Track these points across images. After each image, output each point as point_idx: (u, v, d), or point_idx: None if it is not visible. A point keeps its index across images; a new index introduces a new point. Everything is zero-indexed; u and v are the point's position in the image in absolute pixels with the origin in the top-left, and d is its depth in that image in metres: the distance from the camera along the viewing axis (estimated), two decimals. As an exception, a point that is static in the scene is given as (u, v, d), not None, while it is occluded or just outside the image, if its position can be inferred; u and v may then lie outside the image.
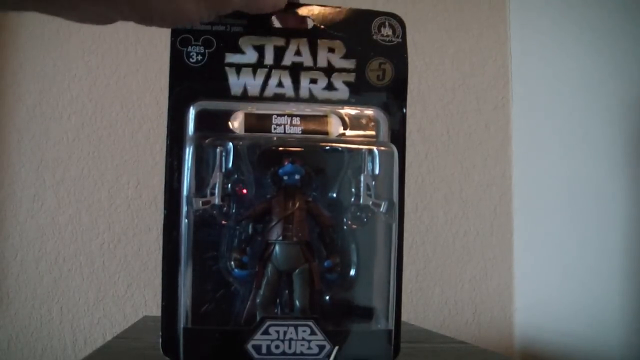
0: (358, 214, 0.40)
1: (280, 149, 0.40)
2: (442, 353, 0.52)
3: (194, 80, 0.39)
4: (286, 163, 0.39)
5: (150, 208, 0.85)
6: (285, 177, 0.39)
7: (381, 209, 0.40)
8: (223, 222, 0.39)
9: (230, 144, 0.39)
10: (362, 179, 0.40)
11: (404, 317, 0.41)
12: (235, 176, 0.40)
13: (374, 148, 0.40)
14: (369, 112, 0.41)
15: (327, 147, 0.40)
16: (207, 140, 0.39)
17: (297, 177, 0.39)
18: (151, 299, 0.84)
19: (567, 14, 0.81)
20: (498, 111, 0.94)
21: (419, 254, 0.90)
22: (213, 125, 0.39)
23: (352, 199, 0.40)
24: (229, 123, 0.40)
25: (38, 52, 0.86)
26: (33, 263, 0.84)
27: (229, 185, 0.39)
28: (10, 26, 0.86)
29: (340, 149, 0.40)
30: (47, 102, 0.86)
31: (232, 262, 0.39)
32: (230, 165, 0.39)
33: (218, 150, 0.39)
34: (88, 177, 0.85)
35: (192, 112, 0.39)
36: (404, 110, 0.42)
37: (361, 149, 0.40)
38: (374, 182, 0.40)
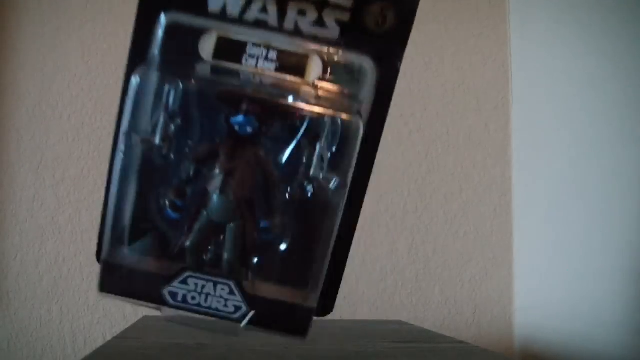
0: (305, 183, 0.37)
1: (238, 93, 0.36)
2: (442, 353, 0.52)
3: None
4: (239, 113, 0.36)
5: (150, 208, 0.85)
6: (237, 127, 0.36)
7: (330, 185, 0.36)
8: (158, 162, 0.36)
9: (180, 84, 0.35)
10: (317, 148, 0.36)
11: (403, 317, 0.41)
12: (180, 118, 0.36)
13: (338, 117, 0.36)
14: (357, 59, 0.36)
15: (289, 105, 0.36)
16: (155, 74, 0.35)
17: (248, 129, 0.36)
18: (151, 299, 0.84)
19: (567, 14, 0.81)
20: (498, 111, 0.94)
21: (419, 254, 0.90)
22: (181, 44, 0.35)
23: (302, 168, 0.37)
24: (199, 45, 0.35)
25: (38, 52, 0.86)
26: (33, 263, 0.84)
27: (172, 126, 0.36)
28: (10, 26, 0.86)
29: (302, 111, 0.36)
30: (47, 102, 0.86)
31: (167, 203, 0.37)
32: (177, 106, 0.36)
33: (166, 88, 0.35)
34: (88, 177, 0.85)
35: (162, 23, 0.35)
36: (398, 65, 0.37)
37: (324, 115, 0.36)
38: (329, 155, 0.36)
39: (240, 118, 0.36)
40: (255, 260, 0.37)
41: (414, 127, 0.91)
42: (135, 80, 0.35)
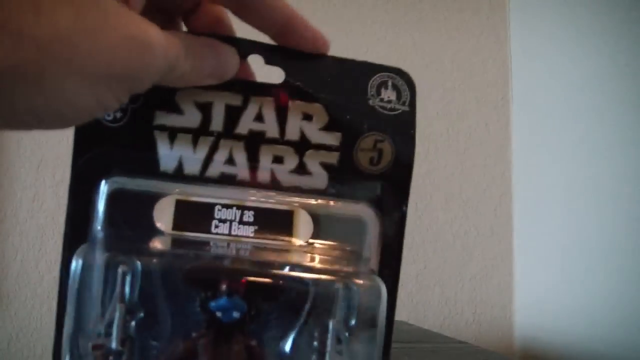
0: None
1: (215, 268, 0.27)
2: (442, 353, 0.52)
3: (110, 146, 0.27)
4: (221, 294, 0.27)
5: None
6: (219, 314, 0.27)
7: None
8: None
9: (138, 263, 0.27)
10: (330, 326, 0.27)
11: (403, 317, 0.41)
12: (143, 310, 0.27)
13: (353, 282, 0.27)
14: (354, 209, 0.29)
15: (285, 275, 0.27)
16: (104, 257, 0.27)
17: (235, 314, 0.27)
18: (151, 299, 0.84)
19: (567, 14, 0.81)
20: (498, 111, 0.94)
21: (419, 254, 0.90)
22: (131, 215, 0.27)
23: (314, 356, 0.27)
24: (153, 214, 0.27)
25: (38, 52, 0.86)
26: (33, 263, 0.84)
27: (133, 322, 0.27)
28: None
29: (302, 278, 0.27)
30: (47, 102, 0.86)
31: None
32: (136, 294, 0.27)
33: (120, 271, 0.26)
34: (88, 177, 0.85)
35: (103, 191, 0.27)
36: (404, 209, 0.30)
37: (334, 282, 0.27)
38: (347, 334, 0.27)
39: (222, 301, 0.27)
40: None
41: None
42: (76, 264, 0.26)
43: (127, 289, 0.27)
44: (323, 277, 0.27)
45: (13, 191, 0.85)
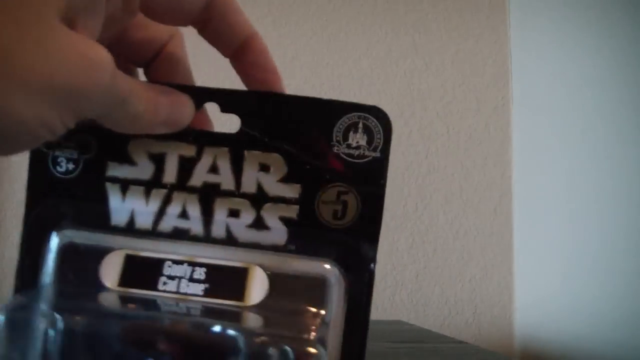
0: None
1: (150, 330, 0.25)
2: (442, 353, 0.52)
3: (61, 197, 0.27)
4: (147, 356, 0.24)
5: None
6: None
7: None
8: None
9: (60, 321, 0.24)
10: None
11: (403, 317, 0.41)
12: None
13: (289, 349, 0.23)
14: (315, 267, 0.26)
15: (221, 337, 0.24)
16: (21, 312, 0.24)
17: None
18: (151, 299, 0.84)
19: (567, 14, 0.81)
20: (498, 111, 0.94)
21: (419, 254, 0.90)
22: (80, 270, 0.26)
23: None
24: (100, 269, 0.26)
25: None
26: (33, 263, 0.84)
27: None
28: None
29: (239, 342, 0.24)
30: (47, 102, 0.86)
31: None
32: (57, 355, 0.24)
33: (40, 328, 0.24)
34: (88, 177, 0.85)
35: (54, 244, 0.26)
36: (372, 267, 0.27)
37: (268, 347, 0.23)
38: None
39: None
40: None
41: (414, 127, 0.91)
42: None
43: (47, 349, 0.24)
44: (257, 340, 0.24)
45: (13, 191, 0.85)
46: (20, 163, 0.85)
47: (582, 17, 0.77)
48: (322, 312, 0.25)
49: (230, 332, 0.24)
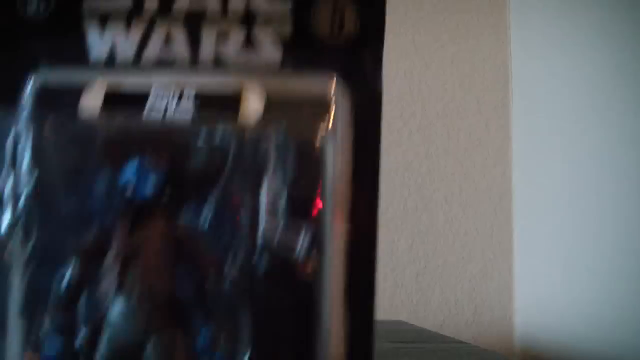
0: (255, 254, 0.22)
1: (129, 137, 0.23)
2: (442, 353, 0.52)
3: (34, 40, 0.24)
4: (129, 162, 0.22)
5: (150, 208, 0.85)
6: (130, 190, 0.22)
7: (296, 248, 0.22)
8: (11, 260, 0.22)
9: (32, 124, 0.23)
10: (262, 192, 0.22)
11: (403, 317, 0.41)
12: (41, 181, 0.23)
13: (289, 135, 0.22)
14: (314, 85, 0.23)
15: (205, 135, 0.22)
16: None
17: (149, 189, 0.22)
18: (151, 299, 0.84)
19: (567, 14, 0.81)
20: (498, 111, 0.94)
21: (419, 254, 0.90)
22: (59, 107, 0.24)
23: (245, 229, 0.22)
24: (82, 104, 0.24)
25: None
26: (33, 263, 0.84)
27: (27, 194, 0.22)
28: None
29: (225, 134, 0.22)
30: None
31: (40, 331, 0.22)
32: (30, 161, 0.23)
33: (10, 138, 0.23)
34: (88, 177, 0.85)
35: (30, 89, 0.24)
36: (378, 85, 0.24)
37: (260, 132, 0.22)
38: (286, 197, 0.22)
39: (131, 170, 0.22)
40: None
41: (414, 127, 0.91)
42: None
43: (20, 155, 0.22)
44: (250, 132, 0.22)
45: (13, 191, 0.85)
46: (20, 163, 0.85)
47: (582, 17, 0.77)
48: (330, 128, 0.23)
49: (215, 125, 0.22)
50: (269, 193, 0.22)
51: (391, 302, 0.86)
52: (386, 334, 0.61)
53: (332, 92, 0.24)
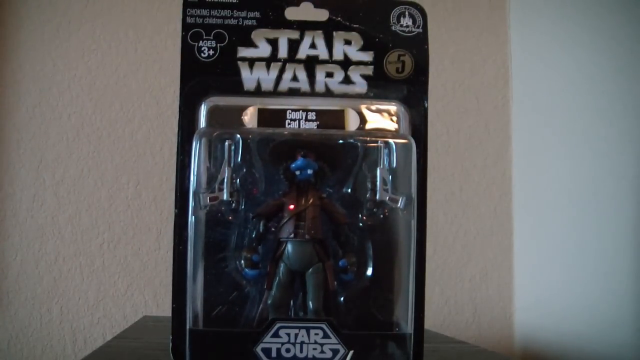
0: (374, 210, 0.39)
1: (293, 142, 0.38)
2: (442, 353, 0.52)
3: (206, 75, 0.39)
4: (298, 157, 0.38)
5: (150, 208, 0.85)
6: (298, 172, 0.38)
7: (399, 204, 0.39)
8: (230, 218, 0.38)
9: (239, 137, 0.38)
10: (378, 173, 0.39)
11: (403, 317, 0.41)
12: (244, 171, 0.39)
13: (391, 140, 0.39)
14: (388, 106, 0.40)
15: (341, 140, 0.39)
16: (215, 134, 0.38)
17: (309, 172, 0.38)
18: (151, 299, 0.84)
19: (567, 14, 0.81)
20: (498, 111, 0.94)
21: (419, 254, 0.89)
22: (225, 122, 0.39)
23: (368, 195, 0.39)
24: (242, 119, 0.39)
25: (38, 52, 0.86)
26: (33, 263, 0.84)
27: (238, 180, 0.38)
28: (10, 26, 0.86)
29: (354, 141, 0.39)
30: (47, 102, 0.86)
31: (243, 262, 0.38)
32: (239, 159, 0.38)
33: (227, 143, 0.38)
34: (88, 177, 0.85)
35: (203, 109, 0.39)
36: (425, 104, 0.41)
37: (377, 141, 0.39)
38: (390, 177, 0.39)
39: (300, 162, 0.38)
40: (342, 299, 0.38)
41: (414, 127, 0.91)
42: (196, 142, 0.38)
43: (232, 156, 0.38)
44: (368, 138, 0.39)
45: (13, 191, 0.85)
46: (20, 164, 0.85)
47: (582, 17, 0.77)
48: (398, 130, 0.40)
49: (348, 135, 0.39)
50: (382, 176, 0.39)
51: (391, 302, 0.86)
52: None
53: (399, 110, 0.40)
